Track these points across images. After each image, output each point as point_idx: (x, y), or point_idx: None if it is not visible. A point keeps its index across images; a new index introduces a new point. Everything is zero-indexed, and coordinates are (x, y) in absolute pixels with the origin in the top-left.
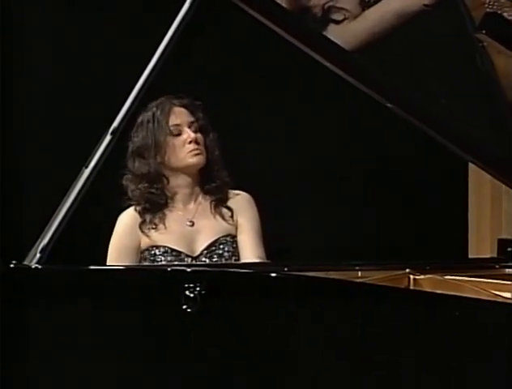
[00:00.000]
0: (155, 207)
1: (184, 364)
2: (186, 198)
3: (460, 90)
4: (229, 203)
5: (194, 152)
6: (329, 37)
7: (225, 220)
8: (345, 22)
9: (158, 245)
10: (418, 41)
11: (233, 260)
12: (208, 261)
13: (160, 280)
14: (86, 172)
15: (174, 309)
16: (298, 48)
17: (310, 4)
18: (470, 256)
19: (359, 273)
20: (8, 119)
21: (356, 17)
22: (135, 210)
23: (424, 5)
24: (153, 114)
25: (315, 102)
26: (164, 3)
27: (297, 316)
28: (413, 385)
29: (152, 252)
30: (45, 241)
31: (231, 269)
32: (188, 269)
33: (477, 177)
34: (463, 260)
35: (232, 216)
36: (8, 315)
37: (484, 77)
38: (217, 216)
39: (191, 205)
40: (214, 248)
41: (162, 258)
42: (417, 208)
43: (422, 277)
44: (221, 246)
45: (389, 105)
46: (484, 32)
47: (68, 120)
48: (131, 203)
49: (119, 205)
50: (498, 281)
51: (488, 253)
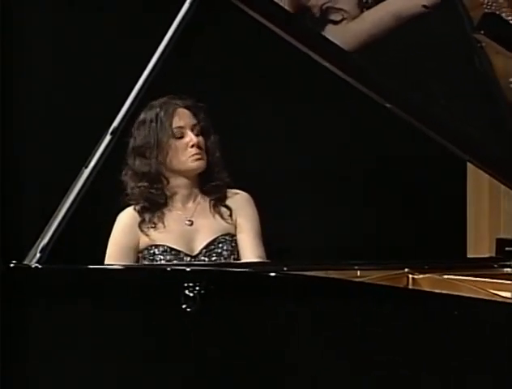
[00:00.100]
0: (154, 207)
1: (183, 363)
2: (185, 197)
3: (459, 90)
4: (228, 202)
5: (196, 157)
6: (328, 38)
7: (224, 219)
8: (343, 22)
9: (157, 244)
10: (417, 42)
11: (232, 259)
12: (207, 260)
13: (160, 280)
14: (86, 172)
15: (174, 308)
16: (298, 48)
17: (309, 4)
18: (468, 255)
19: (358, 273)
20: (8, 119)
21: (355, 18)
22: (134, 209)
23: (422, 6)
24: (156, 114)
25: (315, 102)
26: (164, 3)
27: (296, 315)
28: (413, 385)
29: (151, 251)
30: (45, 240)
31: (230, 269)
32: (188, 268)
33: (476, 177)
34: (462, 260)
35: (230, 215)
36: (8, 315)
37: (483, 77)
38: (216, 215)
39: (190, 204)
40: (213, 247)
41: (161, 257)
42: (416, 208)
43: (421, 277)
44: (220, 245)
45: (388, 105)
46: (483, 33)
47: (68, 120)
48: (130, 203)
49: (119, 205)
50: (497, 280)
51: (486, 252)
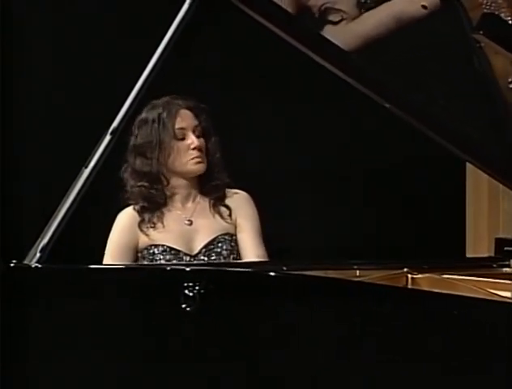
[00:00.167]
0: (153, 207)
1: (183, 363)
2: (185, 197)
3: (458, 90)
4: (227, 202)
5: (196, 160)
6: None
7: (223, 219)
8: (342, 23)
9: (157, 244)
10: (416, 42)
11: (232, 258)
12: (207, 259)
13: (160, 279)
14: (86, 172)
15: (173, 308)
16: (298, 48)
17: (308, 5)
18: (467, 255)
19: (357, 272)
20: (8, 119)
21: (354, 18)
22: (134, 209)
23: (422, 6)
24: (159, 114)
25: (315, 102)
26: (164, 3)
27: (296, 315)
28: (412, 384)
29: (151, 251)
30: (45, 240)
31: (230, 268)
32: (187, 268)
33: (475, 177)
34: (461, 259)
35: (230, 215)
36: (8, 315)
37: (482, 77)
38: (215, 215)
39: (189, 204)
40: (212, 246)
41: (161, 256)
42: (415, 208)
43: (420, 276)
44: (219, 245)
45: (387, 105)
46: (482, 33)
47: (68, 120)
48: (129, 202)
49: (118, 204)
50: (495, 280)
51: (485, 252)
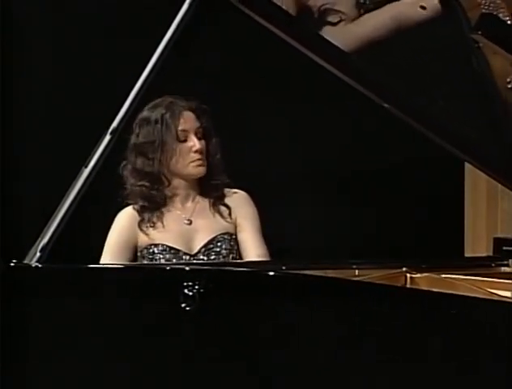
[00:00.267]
0: (153, 206)
1: (183, 362)
2: (184, 197)
3: (456, 91)
4: (227, 201)
5: (197, 163)
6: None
7: (223, 218)
8: (341, 24)
9: (156, 243)
10: (415, 43)
11: (231, 258)
12: (206, 258)
13: (159, 279)
14: (85, 171)
15: (173, 307)
16: (297, 48)
17: (307, 6)
18: (466, 255)
19: (356, 272)
20: (8, 119)
21: (353, 19)
22: (134, 208)
23: (420, 6)
24: (162, 115)
25: (315, 103)
26: (164, 3)
27: (295, 314)
28: (411, 384)
29: (151, 250)
30: (45, 240)
31: (229, 268)
32: (187, 267)
33: (473, 177)
34: (460, 259)
35: (229, 214)
36: (8, 314)
37: (480, 77)
38: (215, 214)
39: (189, 204)
40: (212, 246)
41: (161, 256)
42: (414, 207)
43: (419, 276)
44: (219, 244)
45: (385, 105)
46: (480, 33)
47: (68, 120)
48: (129, 202)
49: (118, 204)
50: (494, 279)
51: (483, 251)
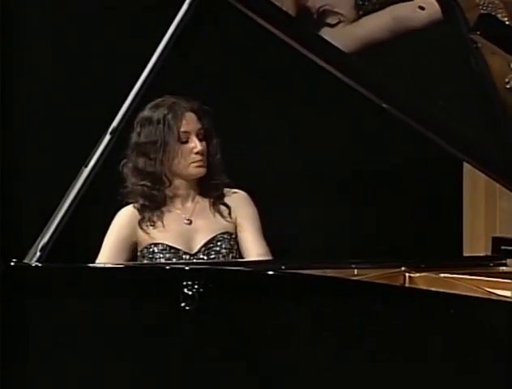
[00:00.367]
0: (154, 206)
1: (182, 362)
2: (184, 197)
3: (455, 91)
4: (227, 201)
5: (198, 164)
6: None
7: (223, 218)
8: (340, 25)
9: (156, 242)
10: (413, 43)
11: (231, 257)
12: (206, 258)
13: (159, 278)
14: (85, 171)
15: (173, 306)
16: (297, 49)
17: (306, 7)
18: (464, 254)
19: (355, 271)
20: (8, 119)
21: (351, 21)
22: (134, 207)
23: (419, 7)
24: (164, 116)
25: (314, 103)
26: (164, 3)
27: (294, 313)
28: (411, 384)
29: (151, 249)
30: (45, 239)
31: (229, 267)
32: (186, 267)
33: (472, 176)
34: (458, 258)
35: (229, 214)
36: (8, 314)
37: (479, 78)
38: (215, 214)
39: (189, 204)
40: (211, 245)
41: (161, 255)
42: (412, 207)
43: (417, 275)
44: (218, 243)
45: (385, 106)
46: (479, 33)
47: (68, 120)
48: (129, 201)
49: (118, 204)
50: (492, 279)
51: (482, 251)
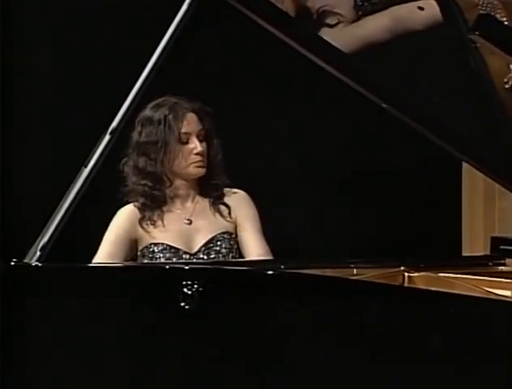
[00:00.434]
0: (154, 205)
1: (182, 361)
2: (184, 197)
3: (454, 91)
4: (226, 201)
5: (198, 164)
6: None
7: (223, 217)
8: (339, 26)
9: (157, 242)
10: (412, 43)
11: (231, 257)
12: (206, 257)
13: (159, 278)
14: (85, 171)
15: (172, 306)
16: (297, 49)
17: (305, 7)
18: (463, 254)
19: (354, 271)
20: (8, 119)
21: (351, 21)
22: (135, 205)
23: (418, 7)
24: (165, 116)
25: (314, 103)
26: (164, 3)
27: (294, 313)
28: (411, 384)
29: (151, 249)
30: (45, 239)
31: (228, 267)
32: (186, 267)
33: (471, 176)
34: (457, 258)
35: (229, 214)
36: (8, 313)
37: (478, 78)
38: (215, 214)
39: (189, 204)
40: (211, 245)
41: (161, 255)
42: (412, 207)
43: (416, 275)
44: (218, 243)
45: (384, 106)
46: (478, 34)
47: (68, 120)
48: (129, 200)
49: (118, 203)
50: (491, 279)
51: (481, 250)
